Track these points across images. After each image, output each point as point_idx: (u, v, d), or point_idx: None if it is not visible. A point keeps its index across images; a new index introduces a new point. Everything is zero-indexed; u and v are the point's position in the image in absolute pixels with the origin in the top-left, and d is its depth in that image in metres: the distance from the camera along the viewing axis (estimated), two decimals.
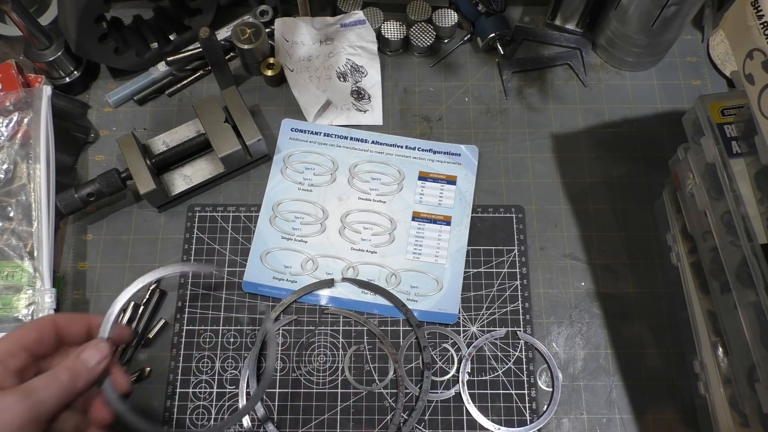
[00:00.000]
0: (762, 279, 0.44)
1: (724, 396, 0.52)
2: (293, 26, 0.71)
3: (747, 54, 0.43)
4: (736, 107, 0.50)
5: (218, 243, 0.63)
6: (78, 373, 0.43)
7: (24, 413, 0.38)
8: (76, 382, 0.42)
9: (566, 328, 0.60)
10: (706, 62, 0.71)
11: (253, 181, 0.66)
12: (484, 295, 0.61)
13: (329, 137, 0.67)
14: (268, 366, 0.56)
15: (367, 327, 0.60)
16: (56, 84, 0.68)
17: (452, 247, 0.63)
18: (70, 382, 0.42)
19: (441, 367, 0.58)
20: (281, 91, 0.71)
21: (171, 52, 0.70)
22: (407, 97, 0.70)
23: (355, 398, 0.57)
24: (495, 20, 0.68)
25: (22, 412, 0.38)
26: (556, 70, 0.71)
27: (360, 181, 0.65)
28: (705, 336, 0.54)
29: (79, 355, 0.44)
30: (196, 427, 0.56)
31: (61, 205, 0.60)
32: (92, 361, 0.44)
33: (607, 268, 0.62)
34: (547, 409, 0.57)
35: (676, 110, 0.69)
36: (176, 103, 0.70)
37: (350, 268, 0.62)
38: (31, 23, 0.62)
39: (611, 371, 0.59)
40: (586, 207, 0.65)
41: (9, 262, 0.59)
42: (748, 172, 0.47)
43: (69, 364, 0.43)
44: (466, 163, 0.66)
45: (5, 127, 0.62)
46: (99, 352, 0.44)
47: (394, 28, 0.70)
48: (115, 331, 0.47)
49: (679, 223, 0.59)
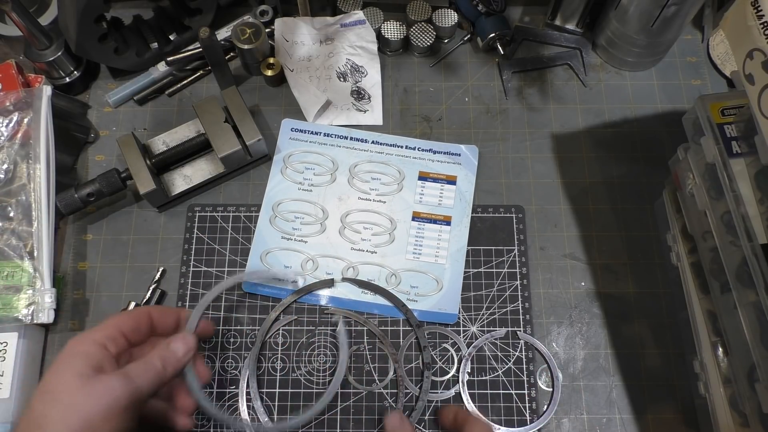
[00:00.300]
0: (762, 279, 0.44)
1: (724, 396, 0.52)
2: (293, 26, 0.71)
3: (747, 54, 0.43)
4: (736, 107, 0.50)
5: (218, 243, 0.63)
6: (168, 362, 0.46)
7: (126, 396, 0.41)
8: (167, 369, 0.45)
9: (566, 328, 0.60)
10: (706, 62, 0.71)
11: (253, 181, 0.66)
12: (484, 295, 0.61)
13: (329, 137, 0.67)
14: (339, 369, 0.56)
15: (367, 327, 0.60)
16: (56, 84, 0.68)
17: (452, 247, 0.63)
18: (162, 370, 0.45)
19: (441, 367, 0.58)
20: (281, 91, 0.71)
21: (171, 52, 0.70)
22: (407, 97, 0.70)
23: (355, 398, 0.57)
24: (495, 20, 0.68)
25: (124, 394, 0.41)
26: (556, 70, 0.71)
27: (360, 181, 0.65)
28: (705, 336, 0.54)
29: (169, 345, 0.47)
30: (195, 427, 0.56)
31: (61, 205, 0.60)
32: (180, 351, 0.47)
33: (607, 268, 0.62)
34: (547, 409, 0.57)
35: (676, 110, 0.69)
36: (176, 103, 0.70)
37: (350, 268, 0.62)
38: (31, 23, 0.62)
39: (611, 371, 0.59)
40: (586, 207, 0.65)
41: (9, 262, 0.58)
42: (748, 172, 0.47)
43: (161, 352, 0.46)
44: (466, 163, 0.66)
45: (5, 127, 0.62)
46: (186, 344, 0.48)
47: (394, 28, 0.70)
48: (199, 325, 0.51)
49: (679, 223, 0.59)
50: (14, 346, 0.56)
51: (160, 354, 0.46)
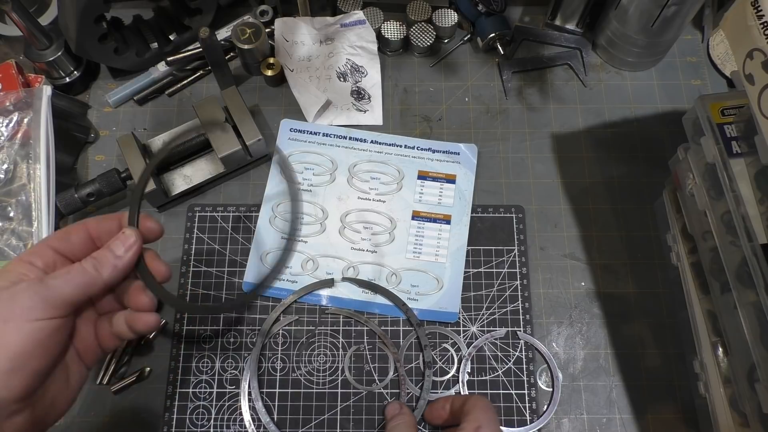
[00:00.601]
0: (762, 279, 0.44)
1: (724, 396, 0.52)
2: (293, 26, 0.71)
3: (747, 54, 0.43)
4: (736, 107, 0.50)
5: (218, 243, 0.63)
6: (103, 262, 0.43)
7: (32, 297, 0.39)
8: (101, 270, 0.42)
9: (566, 328, 0.60)
10: (706, 62, 0.71)
11: (253, 181, 0.66)
12: (484, 295, 0.61)
13: (328, 137, 0.67)
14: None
15: (369, 327, 0.60)
16: (56, 84, 0.68)
17: (452, 246, 0.63)
18: (93, 271, 0.42)
19: (441, 367, 0.58)
20: (281, 91, 0.71)
21: (171, 52, 0.70)
22: (407, 97, 0.70)
23: (355, 398, 0.57)
24: (495, 20, 0.68)
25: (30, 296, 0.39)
26: (556, 70, 0.71)
27: (359, 181, 0.65)
28: (705, 336, 0.54)
29: (108, 245, 0.44)
30: (195, 427, 0.56)
31: (61, 205, 0.60)
32: (119, 249, 0.44)
33: (607, 268, 0.62)
34: (547, 409, 0.57)
35: (676, 110, 0.69)
36: (176, 103, 0.70)
37: (350, 268, 0.62)
38: (31, 23, 0.62)
39: (611, 371, 0.59)
40: (586, 207, 0.65)
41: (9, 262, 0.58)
42: (748, 172, 0.47)
43: (96, 254, 0.43)
44: (465, 161, 0.66)
45: (5, 127, 0.62)
46: (125, 241, 0.44)
47: (394, 28, 0.70)
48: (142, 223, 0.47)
49: (679, 223, 0.59)
50: None
51: (94, 255, 0.43)
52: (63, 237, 0.44)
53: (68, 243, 0.44)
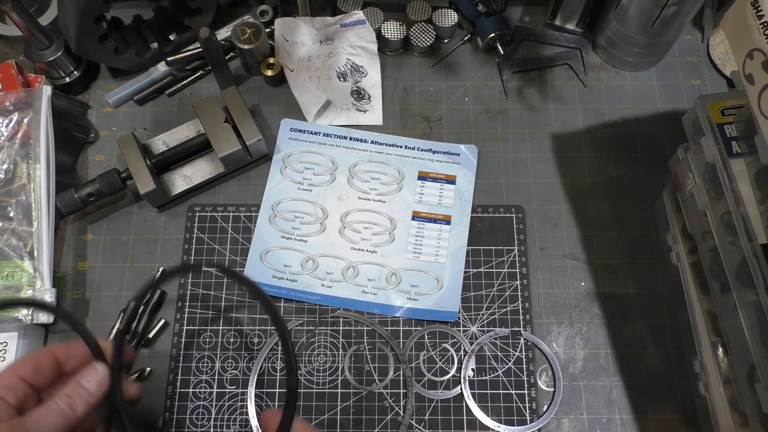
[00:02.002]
0: (762, 279, 0.44)
1: (724, 396, 0.52)
2: (293, 26, 0.71)
3: (747, 54, 0.43)
4: (736, 107, 0.50)
5: (218, 243, 0.63)
6: (76, 399, 0.42)
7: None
8: (75, 408, 0.42)
9: (566, 328, 0.60)
10: (706, 62, 0.71)
11: (253, 181, 0.66)
12: (484, 295, 0.61)
13: (328, 137, 0.67)
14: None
15: (372, 327, 0.60)
16: (56, 84, 0.68)
17: (452, 246, 0.63)
18: (69, 409, 0.41)
19: (441, 367, 0.58)
20: (281, 91, 0.71)
21: (171, 52, 0.70)
22: (407, 97, 0.70)
23: (355, 398, 0.57)
24: (495, 20, 0.68)
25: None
26: (556, 70, 0.71)
27: (360, 181, 0.65)
28: (705, 336, 0.54)
29: (79, 380, 0.43)
30: (195, 427, 0.56)
31: (61, 205, 0.60)
32: (91, 385, 0.43)
33: (607, 268, 0.62)
34: (547, 409, 0.57)
35: (676, 110, 0.69)
36: (176, 103, 0.70)
37: (350, 268, 0.62)
38: (31, 23, 0.62)
39: (611, 371, 0.59)
40: (586, 207, 0.65)
41: (9, 262, 0.59)
42: (748, 172, 0.47)
43: (68, 389, 0.42)
44: (465, 162, 0.66)
45: (5, 127, 0.62)
46: (96, 375, 0.44)
47: (394, 28, 0.70)
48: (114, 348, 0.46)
49: (679, 223, 0.59)
50: (14, 346, 0.56)
51: (66, 391, 0.42)
52: (33, 367, 0.43)
53: (39, 374, 0.43)
